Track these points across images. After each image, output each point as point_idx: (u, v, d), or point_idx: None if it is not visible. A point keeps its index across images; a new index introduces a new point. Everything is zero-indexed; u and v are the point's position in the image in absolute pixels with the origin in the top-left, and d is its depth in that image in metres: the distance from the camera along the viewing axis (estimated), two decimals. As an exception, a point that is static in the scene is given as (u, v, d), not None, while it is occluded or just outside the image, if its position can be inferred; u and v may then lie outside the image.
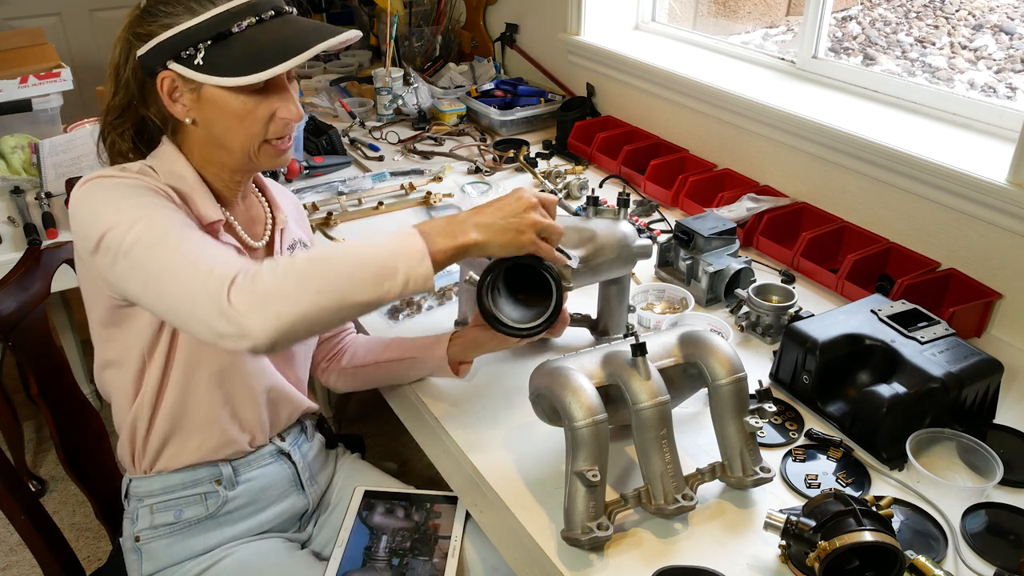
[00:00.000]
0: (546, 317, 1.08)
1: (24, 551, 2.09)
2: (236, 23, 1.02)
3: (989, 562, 1.03)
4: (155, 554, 1.24)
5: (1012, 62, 2.11)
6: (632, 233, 1.32)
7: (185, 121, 1.08)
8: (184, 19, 1.02)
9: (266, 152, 1.11)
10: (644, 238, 1.35)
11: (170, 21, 1.03)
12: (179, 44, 1.02)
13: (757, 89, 1.95)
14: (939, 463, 1.18)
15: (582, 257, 1.24)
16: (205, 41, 1.02)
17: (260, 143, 1.10)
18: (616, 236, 1.29)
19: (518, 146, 2.28)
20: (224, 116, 1.06)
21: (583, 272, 1.24)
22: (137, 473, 1.24)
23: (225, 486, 1.24)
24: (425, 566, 1.23)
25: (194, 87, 1.05)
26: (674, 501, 1.05)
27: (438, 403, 1.31)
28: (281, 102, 1.08)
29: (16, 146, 2.06)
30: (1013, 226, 1.45)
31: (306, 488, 1.33)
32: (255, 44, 1.02)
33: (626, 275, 1.37)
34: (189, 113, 1.08)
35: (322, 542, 1.35)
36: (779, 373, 1.34)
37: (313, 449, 1.36)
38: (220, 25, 1.02)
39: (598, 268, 1.28)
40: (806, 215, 1.81)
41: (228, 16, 1.02)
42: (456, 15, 2.97)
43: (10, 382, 2.55)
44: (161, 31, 1.03)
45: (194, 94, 1.06)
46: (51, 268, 1.38)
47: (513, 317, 1.09)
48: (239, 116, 1.06)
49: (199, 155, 1.13)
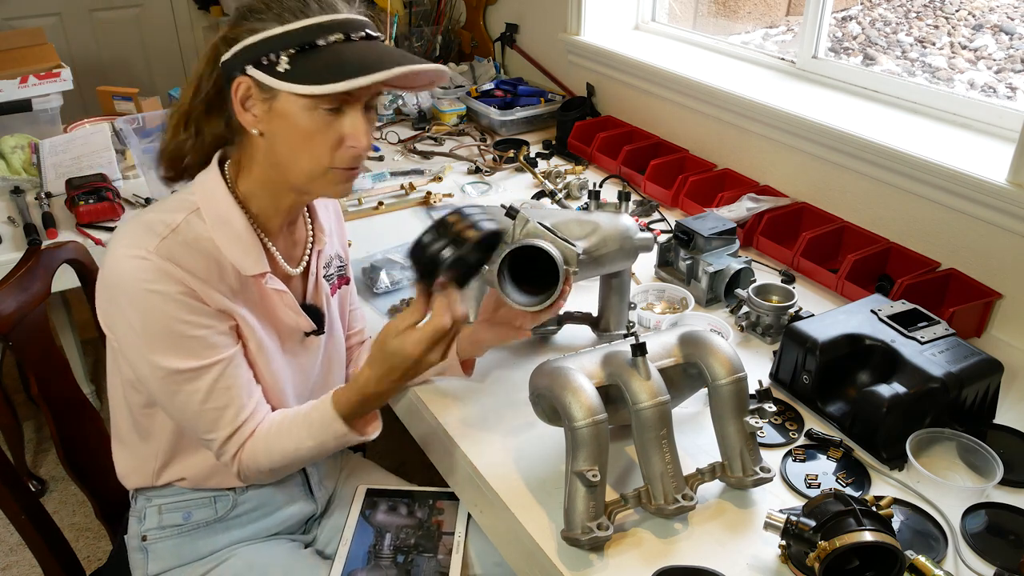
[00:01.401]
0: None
1: (24, 551, 2.09)
2: (324, 36, 0.98)
3: (989, 562, 1.03)
4: (162, 554, 1.24)
5: (1012, 62, 2.11)
6: (633, 226, 1.33)
7: (252, 132, 1.04)
8: (272, 27, 0.99)
9: (332, 178, 1.05)
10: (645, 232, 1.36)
11: (257, 27, 1.00)
12: (262, 50, 0.99)
13: (757, 89, 1.95)
14: (939, 463, 1.18)
15: (586, 248, 1.24)
16: (289, 49, 0.98)
17: (326, 168, 1.04)
18: (618, 228, 1.30)
19: (518, 146, 2.28)
20: (292, 132, 1.01)
21: (587, 263, 1.24)
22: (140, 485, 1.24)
23: (236, 490, 1.24)
24: (430, 562, 1.23)
25: (268, 96, 1.01)
26: (674, 501, 1.05)
27: (438, 403, 1.31)
28: (352, 129, 1.02)
29: (16, 146, 2.06)
30: (1013, 226, 1.45)
31: (315, 493, 1.33)
32: (339, 58, 0.98)
33: (626, 270, 1.38)
34: (258, 124, 1.03)
35: (325, 541, 1.35)
36: (779, 373, 1.34)
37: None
38: (307, 36, 0.98)
39: (601, 259, 1.28)
40: (806, 215, 1.81)
41: (317, 28, 0.98)
42: (456, 15, 2.97)
43: (10, 382, 2.55)
44: (247, 36, 1.01)
45: (267, 104, 1.02)
46: (51, 268, 1.38)
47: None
48: (307, 135, 1.01)
49: (256, 175, 1.09)
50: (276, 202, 1.12)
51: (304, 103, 1.00)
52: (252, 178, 1.10)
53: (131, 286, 1.01)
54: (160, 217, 1.05)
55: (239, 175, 1.11)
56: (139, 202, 1.93)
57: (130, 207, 1.92)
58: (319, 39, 0.98)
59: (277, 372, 1.17)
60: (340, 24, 1.00)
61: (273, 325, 1.16)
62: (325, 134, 1.02)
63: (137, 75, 3.93)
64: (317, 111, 1.00)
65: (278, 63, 0.98)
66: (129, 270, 1.01)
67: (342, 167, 1.05)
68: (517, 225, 1.17)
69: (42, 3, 3.65)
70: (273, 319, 1.16)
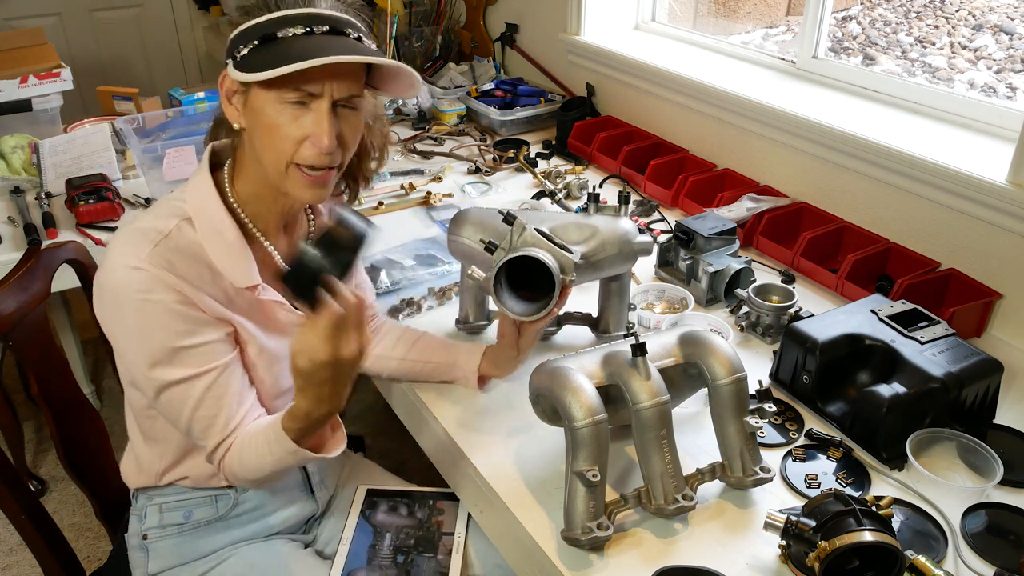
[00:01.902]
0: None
1: (24, 551, 2.09)
2: (283, 28, 0.99)
3: (989, 562, 1.03)
4: (162, 553, 1.24)
5: (1012, 62, 2.11)
6: (633, 229, 1.33)
7: (235, 127, 1.06)
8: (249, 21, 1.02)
9: (293, 177, 1.04)
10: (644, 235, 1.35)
11: (241, 22, 1.02)
12: (235, 43, 1.02)
13: (757, 89, 1.95)
14: (939, 463, 1.18)
15: (584, 253, 1.24)
16: (252, 41, 1.00)
17: (287, 164, 1.03)
18: (617, 232, 1.30)
19: (518, 146, 2.28)
20: (261, 125, 1.02)
21: (585, 268, 1.24)
22: (143, 485, 1.24)
23: (237, 490, 1.24)
24: (430, 563, 1.23)
25: (243, 90, 1.03)
26: (674, 501, 1.05)
27: (438, 403, 1.31)
28: (315, 127, 1.01)
29: (16, 146, 2.06)
30: (1013, 226, 1.45)
31: (316, 493, 1.33)
32: (292, 48, 0.98)
33: (626, 272, 1.38)
34: (240, 118, 1.05)
35: (325, 541, 1.35)
36: (779, 373, 1.34)
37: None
38: (269, 27, 0.99)
39: (600, 264, 1.28)
40: (806, 215, 1.81)
41: (280, 21, 0.99)
42: (456, 15, 2.96)
43: (10, 382, 2.55)
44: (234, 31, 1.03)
45: (243, 97, 1.03)
46: (51, 268, 1.38)
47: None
48: (271, 128, 1.01)
49: (249, 174, 1.10)
50: (270, 203, 1.12)
51: (270, 97, 1.00)
52: (247, 177, 1.10)
53: (127, 296, 1.01)
54: (153, 224, 1.05)
55: (236, 175, 1.12)
56: (139, 202, 1.93)
57: (130, 207, 1.92)
58: (279, 31, 0.99)
59: (279, 374, 1.17)
60: (303, 17, 1.00)
61: (273, 328, 1.16)
62: (288, 128, 1.01)
63: (137, 75, 3.93)
64: (282, 104, 1.00)
65: (239, 54, 1.00)
66: (124, 280, 1.01)
67: (304, 164, 1.04)
68: (514, 232, 1.15)
69: (42, 3, 3.66)
70: (271, 323, 1.16)
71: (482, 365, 1.29)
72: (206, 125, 1.22)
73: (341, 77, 1.01)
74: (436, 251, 1.71)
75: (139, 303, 1.01)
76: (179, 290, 1.03)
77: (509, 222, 1.17)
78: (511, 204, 1.91)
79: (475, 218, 1.33)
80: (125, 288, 1.01)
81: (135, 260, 1.01)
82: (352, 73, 1.02)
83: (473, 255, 1.32)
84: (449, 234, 1.36)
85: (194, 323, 1.04)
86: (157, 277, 1.01)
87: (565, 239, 1.25)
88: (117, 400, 2.57)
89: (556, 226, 1.28)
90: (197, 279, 1.05)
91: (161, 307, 1.02)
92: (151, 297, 1.01)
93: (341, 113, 1.04)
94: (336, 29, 1.02)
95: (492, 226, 1.30)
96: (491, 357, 1.29)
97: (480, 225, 1.32)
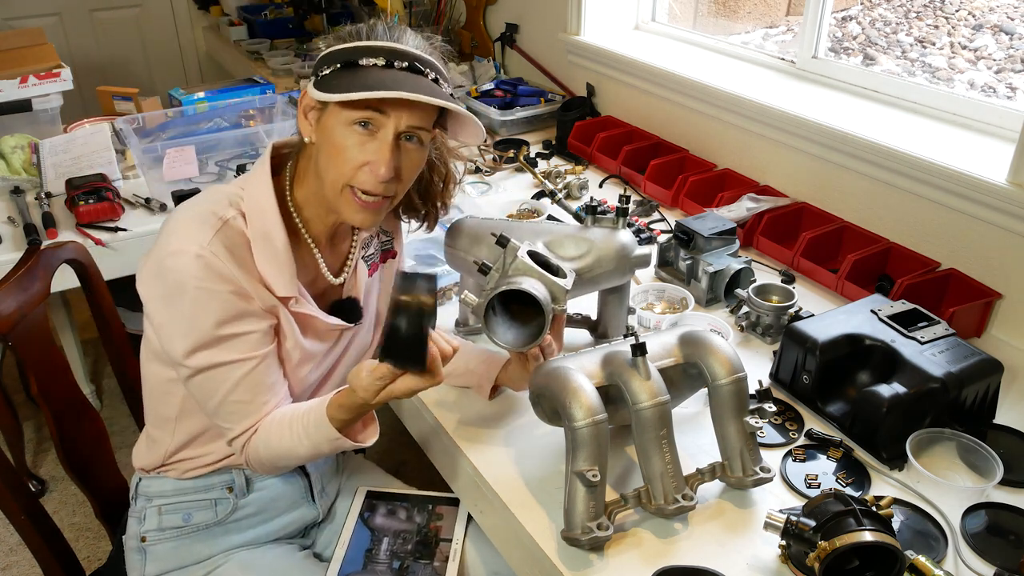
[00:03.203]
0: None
1: (24, 551, 2.09)
2: (367, 57, 1.04)
3: (989, 562, 1.03)
4: (160, 556, 1.24)
5: (1012, 62, 2.11)
6: (631, 243, 1.31)
7: (305, 140, 1.11)
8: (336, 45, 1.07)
9: (347, 199, 1.08)
10: (644, 239, 1.35)
11: (331, 44, 1.08)
12: (320, 64, 1.07)
13: (757, 89, 1.95)
14: (939, 463, 1.18)
15: (579, 269, 1.24)
16: (335, 64, 1.05)
17: (344, 185, 1.07)
18: (614, 247, 1.28)
19: (518, 146, 2.28)
20: (328, 143, 1.07)
21: (580, 283, 1.23)
22: (148, 466, 1.24)
23: (237, 494, 1.24)
24: (426, 570, 1.23)
25: (320, 108, 1.08)
26: (674, 501, 1.05)
27: (439, 404, 1.31)
28: (376, 155, 1.05)
29: (16, 146, 2.06)
30: (1013, 226, 1.45)
31: (316, 500, 1.33)
32: (370, 77, 1.03)
33: (625, 283, 1.37)
34: (312, 133, 1.10)
35: (323, 544, 1.35)
36: (779, 373, 1.34)
37: (329, 461, 1.36)
38: (353, 55, 1.04)
39: (596, 279, 1.28)
40: (806, 215, 1.81)
41: (364, 50, 1.04)
42: (456, 15, 2.97)
43: (10, 382, 2.55)
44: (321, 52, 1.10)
45: (318, 114, 1.08)
46: (51, 268, 1.38)
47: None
48: (337, 149, 1.06)
49: (310, 184, 1.14)
50: (324, 215, 1.16)
51: (342, 118, 1.05)
52: (307, 187, 1.14)
53: (187, 282, 1.04)
54: (213, 209, 1.08)
55: (297, 180, 1.15)
56: (139, 202, 1.93)
57: (130, 207, 1.92)
58: (362, 59, 1.04)
59: (308, 372, 1.19)
60: (386, 51, 1.05)
61: (307, 331, 1.18)
62: (352, 151, 1.06)
63: (137, 75, 3.93)
64: (351, 127, 1.05)
65: (321, 74, 1.06)
66: (186, 266, 1.03)
67: (359, 188, 1.07)
68: (507, 256, 1.15)
69: (42, 3, 3.66)
70: (307, 324, 1.17)
71: (500, 375, 1.29)
72: (206, 125, 1.23)
73: (409, 113, 1.04)
74: (436, 251, 1.70)
75: (197, 291, 1.04)
76: (235, 281, 1.06)
77: (503, 244, 1.15)
78: (511, 204, 1.91)
79: (471, 231, 1.33)
80: (186, 275, 1.03)
81: (197, 247, 1.03)
82: (421, 111, 1.06)
83: (468, 268, 1.32)
84: (446, 245, 1.36)
85: (244, 313, 1.08)
86: (214, 266, 1.04)
87: (561, 254, 1.24)
88: (117, 400, 2.57)
89: (552, 240, 1.27)
90: (252, 269, 1.09)
91: (217, 296, 1.05)
92: (207, 285, 1.04)
93: (403, 147, 1.08)
94: (414, 67, 1.05)
95: (488, 241, 1.29)
96: (508, 371, 1.29)
97: (475, 238, 1.32)
